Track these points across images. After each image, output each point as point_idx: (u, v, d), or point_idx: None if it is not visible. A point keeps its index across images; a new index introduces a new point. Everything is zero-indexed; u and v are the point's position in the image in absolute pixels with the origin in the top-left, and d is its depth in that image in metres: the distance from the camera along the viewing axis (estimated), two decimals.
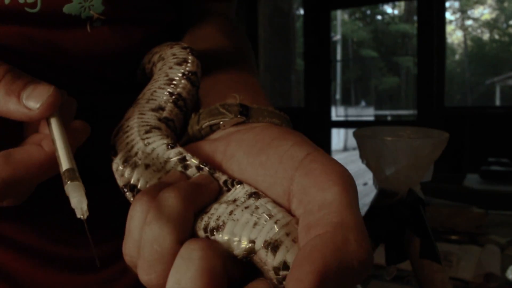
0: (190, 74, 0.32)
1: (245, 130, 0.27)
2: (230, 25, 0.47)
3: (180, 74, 0.32)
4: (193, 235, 0.23)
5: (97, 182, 0.42)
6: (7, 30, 0.33)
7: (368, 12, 5.72)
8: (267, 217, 0.22)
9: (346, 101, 5.58)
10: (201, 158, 0.27)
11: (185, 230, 0.22)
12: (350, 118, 5.52)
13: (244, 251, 0.21)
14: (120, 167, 0.26)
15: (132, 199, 0.25)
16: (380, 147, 0.48)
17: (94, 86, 0.39)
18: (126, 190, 0.26)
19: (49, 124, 0.26)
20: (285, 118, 0.30)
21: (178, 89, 0.31)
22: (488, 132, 3.34)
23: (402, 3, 5.18)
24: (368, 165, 0.51)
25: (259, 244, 0.21)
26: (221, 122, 0.29)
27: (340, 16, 5.18)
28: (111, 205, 0.44)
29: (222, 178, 0.25)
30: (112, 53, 0.38)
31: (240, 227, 0.22)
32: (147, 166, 0.26)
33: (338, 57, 5.27)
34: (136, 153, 0.26)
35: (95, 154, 0.31)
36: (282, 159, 0.24)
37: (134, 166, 0.26)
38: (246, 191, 0.24)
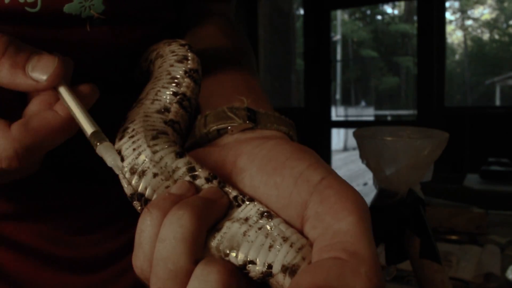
0: (192, 72, 0.31)
1: (256, 143, 0.27)
2: (230, 25, 0.47)
3: (182, 72, 0.31)
4: (206, 252, 0.23)
5: (96, 182, 0.42)
6: (6, 30, 0.33)
7: (368, 12, 5.72)
8: (282, 240, 0.22)
9: (346, 101, 5.59)
10: (210, 166, 0.26)
11: (199, 249, 0.22)
12: (350, 118, 5.52)
13: (260, 273, 0.22)
14: (127, 175, 0.25)
15: (139, 208, 0.25)
16: (380, 147, 0.48)
17: None
18: (134, 199, 0.25)
19: (58, 92, 0.26)
20: (291, 125, 0.30)
21: (182, 88, 0.30)
22: (488, 132, 3.34)
23: (402, 3, 5.18)
24: (368, 165, 0.50)
25: (276, 268, 0.21)
26: (229, 127, 0.29)
27: (340, 16, 5.18)
28: (111, 205, 0.44)
29: (233, 193, 0.25)
30: (112, 52, 0.38)
31: (256, 250, 0.22)
32: (155, 175, 0.25)
33: (338, 57, 5.27)
34: (144, 161, 0.25)
35: (95, 154, 0.30)
36: (297, 181, 0.24)
37: (142, 174, 0.25)
38: (258, 209, 0.24)
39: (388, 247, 0.51)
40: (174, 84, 0.31)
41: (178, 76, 0.31)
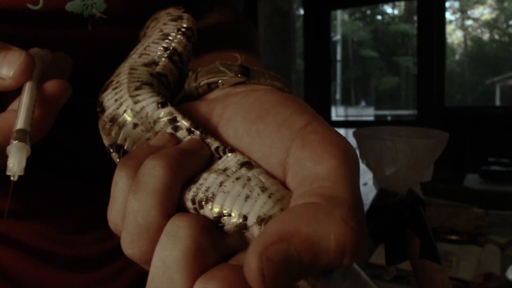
0: (185, 29, 0.30)
1: (245, 93, 0.25)
2: (236, 13, 0.46)
3: (175, 29, 0.30)
4: (180, 206, 0.21)
5: (95, 181, 0.42)
6: (8, 28, 0.33)
7: (368, 12, 5.72)
8: (260, 190, 0.20)
9: (346, 101, 5.59)
10: (197, 119, 0.25)
11: (172, 202, 0.21)
12: (350, 118, 5.52)
13: (235, 226, 0.20)
14: (107, 125, 0.24)
15: (117, 160, 0.24)
16: (380, 147, 0.48)
17: (94, 85, 0.39)
18: (112, 150, 0.24)
19: (23, 88, 0.24)
20: (287, 83, 0.28)
21: (173, 44, 0.29)
22: (488, 132, 3.34)
23: (402, 3, 5.18)
24: (368, 165, 0.51)
25: (251, 220, 0.20)
26: (220, 81, 0.27)
27: (340, 16, 5.18)
28: (90, 201, 0.44)
29: (214, 144, 0.23)
30: (113, 51, 0.38)
31: (231, 200, 0.20)
32: (135, 125, 0.24)
33: (338, 57, 5.27)
34: (125, 111, 0.24)
35: (93, 153, 0.30)
36: (280, 128, 0.22)
37: (122, 125, 0.24)
38: (238, 160, 0.22)
39: (388, 247, 0.51)
40: (165, 40, 0.30)
41: (171, 33, 0.30)
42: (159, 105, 0.25)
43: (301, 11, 4.32)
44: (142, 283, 0.41)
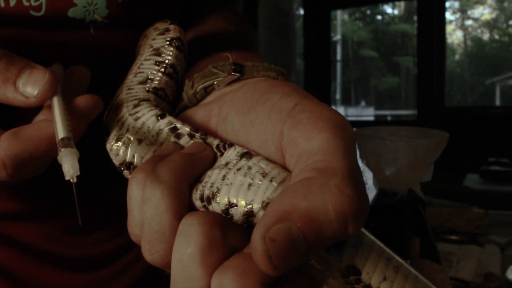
0: (174, 40, 0.31)
1: (238, 88, 0.26)
2: (234, 14, 0.46)
3: (164, 42, 0.31)
4: (191, 206, 0.22)
5: (96, 182, 0.42)
6: (11, 33, 0.33)
7: (368, 12, 5.72)
8: (261, 176, 0.21)
9: (346, 101, 5.59)
10: (197, 123, 0.26)
11: (182, 204, 0.21)
12: (350, 118, 5.52)
13: (243, 215, 0.20)
14: (114, 147, 0.25)
15: (129, 176, 0.24)
16: (380, 147, 0.48)
17: (96, 88, 0.39)
18: (123, 168, 0.25)
19: (51, 102, 0.26)
20: (281, 72, 0.28)
21: (165, 56, 0.30)
22: (488, 132, 3.34)
23: (402, 3, 5.18)
24: (368, 165, 0.51)
25: (257, 206, 0.20)
26: (215, 83, 0.28)
27: (340, 16, 5.18)
28: (110, 205, 0.45)
29: (215, 142, 0.24)
30: (116, 55, 0.38)
31: (235, 191, 0.20)
32: (140, 141, 0.25)
33: (338, 57, 5.27)
34: (128, 130, 0.25)
35: (95, 155, 0.30)
36: (270, 113, 0.22)
37: (128, 143, 0.25)
38: (238, 152, 0.23)
39: (388, 247, 0.51)
40: (156, 55, 0.30)
41: (160, 47, 0.31)
42: (158, 117, 0.26)
43: (301, 11, 4.32)
44: (144, 283, 0.41)
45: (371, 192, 0.53)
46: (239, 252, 0.20)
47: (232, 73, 0.27)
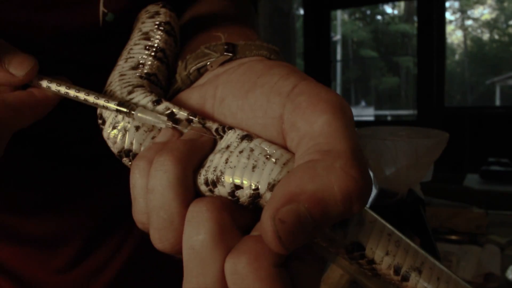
0: (163, 24, 0.31)
1: (232, 69, 0.26)
2: None
3: (153, 26, 0.31)
4: (197, 191, 0.22)
5: (80, 165, 0.42)
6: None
7: (368, 12, 5.72)
8: (264, 158, 0.21)
9: (346, 101, 5.57)
10: (192, 106, 0.26)
11: (188, 191, 0.22)
12: None
13: (249, 197, 0.20)
14: (111, 135, 0.25)
15: (129, 163, 0.25)
16: (380, 147, 0.48)
17: (67, 68, 0.38)
18: (122, 156, 0.25)
19: (40, 86, 0.27)
20: (274, 50, 0.28)
21: (154, 41, 0.30)
22: (488, 132, 3.34)
23: (402, 3, 5.18)
24: (368, 165, 0.50)
25: (263, 187, 0.20)
26: (208, 63, 0.28)
27: (340, 16, 5.18)
28: (96, 191, 0.44)
29: (214, 126, 0.24)
30: (85, 30, 0.37)
31: (239, 173, 0.21)
32: (137, 128, 0.25)
33: (338, 57, 5.27)
34: (123, 117, 0.25)
35: (80, 138, 0.30)
36: (269, 97, 0.22)
37: (125, 130, 0.25)
38: (238, 135, 0.22)
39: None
40: (145, 39, 0.30)
41: (149, 31, 0.30)
42: (154, 103, 0.25)
43: (301, 11, 4.32)
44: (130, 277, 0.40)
45: (371, 192, 0.53)
46: (248, 234, 0.20)
47: (225, 53, 0.27)
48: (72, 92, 0.27)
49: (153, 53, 0.29)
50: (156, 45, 0.30)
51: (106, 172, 0.43)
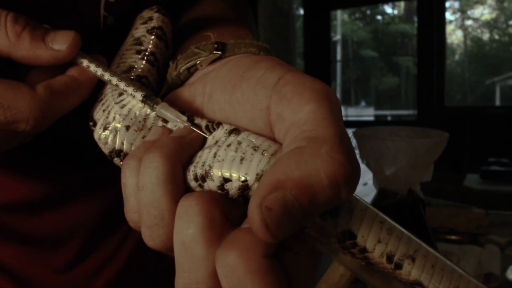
0: (155, 29, 0.31)
1: (220, 66, 0.26)
2: None
3: (145, 31, 0.31)
4: (187, 188, 0.22)
5: (80, 165, 0.42)
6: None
7: (368, 12, 5.72)
8: (252, 150, 0.21)
9: (346, 101, 5.58)
10: (182, 104, 0.26)
11: (177, 187, 0.22)
12: (350, 118, 5.52)
13: (238, 189, 0.20)
14: (102, 136, 0.25)
15: (120, 163, 0.25)
16: (380, 147, 0.48)
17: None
18: (113, 156, 0.25)
19: (80, 64, 0.27)
20: (263, 47, 0.28)
21: (145, 45, 0.30)
22: (488, 132, 3.34)
23: (402, 3, 5.18)
24: (368, 165, 0.51)
25: (251, 179, 0.20)
26: (197, 62, 0.28)
27: (340, 16, 5.18)
28: (96, 191, 0.44)
29: (203, 123, 0.24)
30: (86, 33, 0.37)
31: (228, 166, 0.21)
32: (127, 128, 0.25)
33: (338, 57, 5.27)
34: (114, 118, 0.25)
35: (80, 138, 0.30)
36: (255, 90, 0.22)
37: (115, 131, 0.25)
38: (226, 129, 0.23)
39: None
40: (136, 45, 0.31)
41: (141, 36, 0.31)
42: (144, 98, 0.26)
43: (301, 11, 4.32)
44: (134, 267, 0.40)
45: (371, 192, 0.53)
46: (239, 227, 0.20)
47: (214, 52, 0.28)
48: (106, 76, 0.27)
49: (144, 57, 0.30)
50: (147, 49, 0.30)
51: (106, 172, 0.43)
